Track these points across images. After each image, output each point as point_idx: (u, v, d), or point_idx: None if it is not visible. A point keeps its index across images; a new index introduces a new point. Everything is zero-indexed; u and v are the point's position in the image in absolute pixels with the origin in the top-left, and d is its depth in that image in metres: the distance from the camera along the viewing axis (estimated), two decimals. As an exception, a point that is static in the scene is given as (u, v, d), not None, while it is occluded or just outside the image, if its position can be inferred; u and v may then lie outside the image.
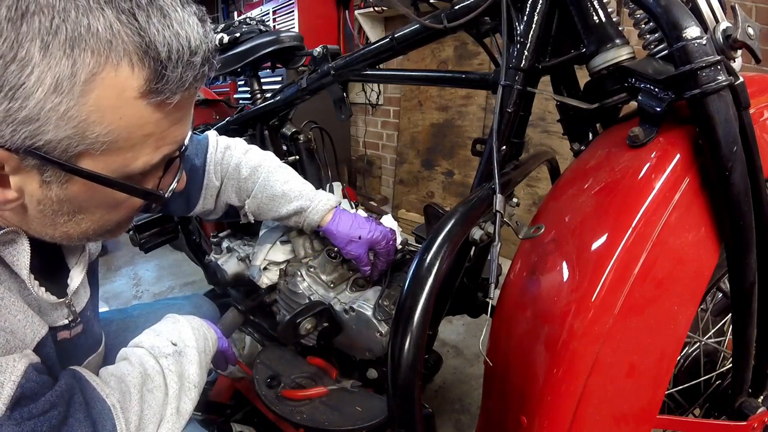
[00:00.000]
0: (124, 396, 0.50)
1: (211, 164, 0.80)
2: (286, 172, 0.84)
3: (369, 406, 0.81)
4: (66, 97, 0.33)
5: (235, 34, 1.22)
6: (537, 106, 0.88)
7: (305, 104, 1.11)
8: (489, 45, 0.79)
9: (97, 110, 0.35)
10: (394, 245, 0.86)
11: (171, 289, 2.03)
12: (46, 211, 0.41)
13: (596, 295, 0.46)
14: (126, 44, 0.34)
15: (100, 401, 0.47)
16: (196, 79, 0.39)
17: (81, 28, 0.32)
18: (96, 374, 0.52)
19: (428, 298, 0.43)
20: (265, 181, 0.80)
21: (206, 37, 0.39)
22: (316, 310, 0.84)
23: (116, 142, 0.37)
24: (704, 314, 0.74)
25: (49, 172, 0.38)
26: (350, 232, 0.82)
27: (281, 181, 0.81)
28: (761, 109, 0.56)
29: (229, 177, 0.81)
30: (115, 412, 0.47)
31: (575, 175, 0.59)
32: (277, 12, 2.90)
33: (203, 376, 0.62)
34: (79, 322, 0.57)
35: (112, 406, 0.48)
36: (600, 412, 0.49)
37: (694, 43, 0.45)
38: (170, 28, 0.36)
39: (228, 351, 0.75)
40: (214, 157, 0.80)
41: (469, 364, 1.47)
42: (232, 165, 0.81)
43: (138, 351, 0.58)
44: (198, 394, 0.59)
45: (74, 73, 0.33)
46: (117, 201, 0.44)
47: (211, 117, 1.61)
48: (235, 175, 0.81)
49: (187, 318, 0.67)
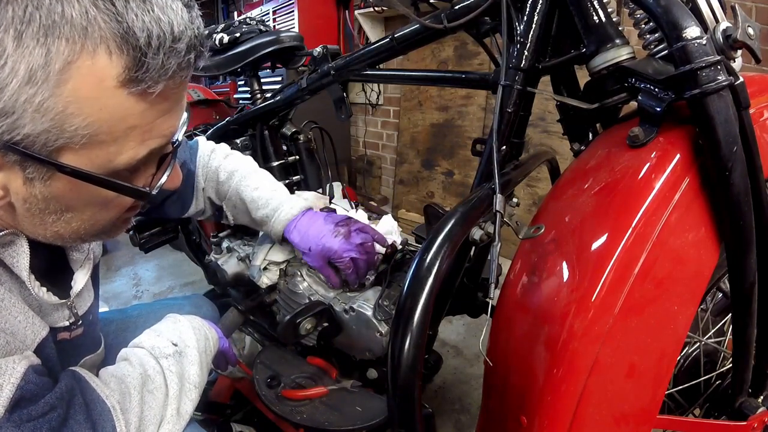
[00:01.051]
0: (124, 397, 0.50)
1: (200, 167, 0.83)
2: (258, 178, 0.84)
3: (369, 406, 0.81)
4: (41, 87, 0.32)
5: (235, 34, 1.22)
6: (537, 106, 0.88)
7: (305, 104, 1.11)
8: (489, 45, 0.79)
9: (75, 101, 0.33)
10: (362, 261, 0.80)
11: (171, 289, 2.03)
12: (33, 210, 0.40)
13: (596, 295, 0.46)
14: (102, 30, 0.32)
15: (100, 402, 0.47)
16: (181, 68, 0.37)
17: (55, 15, 0.31)
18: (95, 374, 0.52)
19: (428, 298, 0.43)
20: (238, 186, 0.82)
21: (192, 23, 0.37)
22: (316, 310, 0.84)
23: (97, 135, 0.35)
24: (704, 314, 0.74)
25: (31, 168, 0.36)
26: (300, 243, 0.80)
27: (251, 187, 0.82)
28: (761, 109, 0.56)
29: (209, 179, 0.84)
30: (114, 413, 0.47)
31: (575, 175, 0.59)
32: (277, 12, 2.90)
33: (204, 377, 0.62)
34: (80, 324, 0.57)
35: (111, 407, 0.48)
36: (600, 412, 0.49)
37: (694, 43, 0.45)
38: (150, 12, 0.34)
39: (228, 351, 0.75)
40: (202, 160, 0.84)
41: (469, 364, 1.47)
42: (213, 168, 0.84)
43: (138, 351, 0.58)
44: (198, 395, 0.59)
45: (48, 62, 0.31)
46: (105, 199, 0.42)
47: (211, 117, 1.61)
48: (214, 177, 0.84)
49: (188, 318, 0.67)
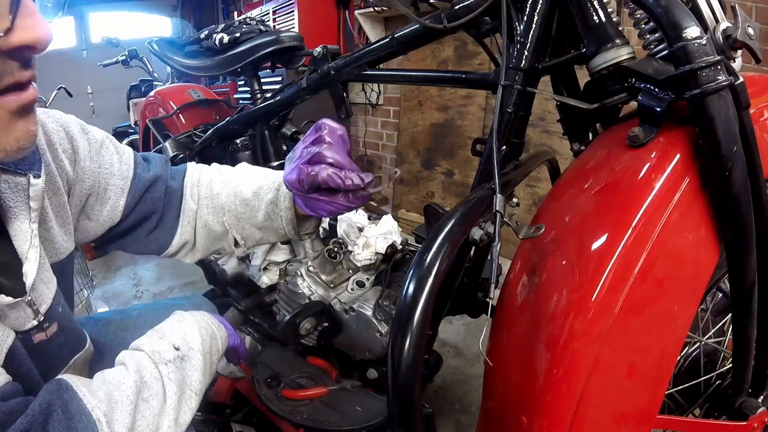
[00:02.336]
0: (114, 407, 0.48)
1: (188, 187, 0.76)
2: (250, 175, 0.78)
3: (369, 406, 0.81)
4: None
5: (235, 34, 1.22)
6: (537, 106, 0.88)
7: (305, 104, 1.11)
8: (489, 45, 0.79)
9: None
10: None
11: (171, 289, 2.03)
12: None
13: (596, 295, 0.46)
14: None
15: (85, 414, 0.45)
16: None
17: None
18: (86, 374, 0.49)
19: (428, 298, 0.43)
20: (234, 189, 0.76)
21: None
22: (316, 310, 0.85)
23: None
24: (704, 314, 0.74)
25: None
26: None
27: (250, 183, 0.76)
28: (761, 109, 0.56)
29: (203, 196, 0.77)
30: (100, 425, 0.45)
31: (575, 175, 0.59)
32: (277, 12, 2.90)
33: (207, 380, 0.60)
34: (52, 320, 0.55)
35: (97, 420, 0.45)
36: (600, 412, 0.49)
37: (694, 43, 0.45)
38: None
39: (240, 347, 0.74)
40: (191, 180, 0.77)
41: (469, 364, 1.47)
42: (205, 183, 0.77)
43: (137, 355, 0.56)
44: (199, 401, 0.57)
45: None
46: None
47: (211, 117, 1.61)
48: (208, 193, 0.77)
49: (196, 316, 0.65)
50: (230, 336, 0.71)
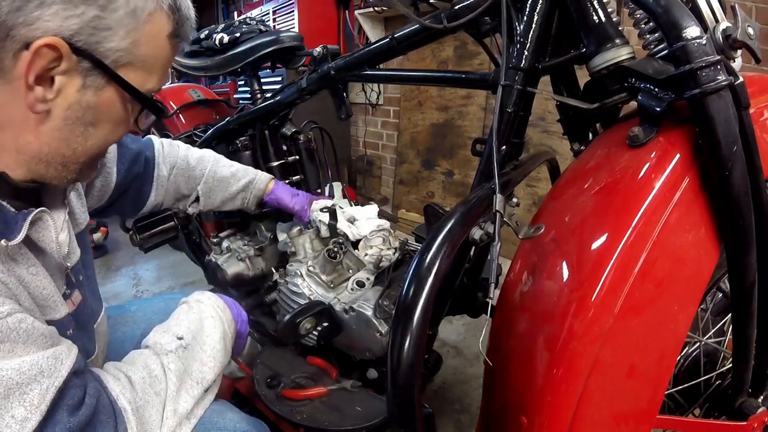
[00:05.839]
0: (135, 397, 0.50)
1: (159, 156, 0.90)
2: (228, 160, 1.02)
3: (369, 406, 0.81)
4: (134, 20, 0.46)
5: (235, 34, 1.22)
6: (537, 106, 0.88)
7: (305, 104, 1.11)
8: (489, 45, 0.79)
9: (147, 37, 0.47)
10: None
11: (171, 289, 2.03)
12: (69, 119, 0.46)
13: (596, 295, 0.46)
14: None
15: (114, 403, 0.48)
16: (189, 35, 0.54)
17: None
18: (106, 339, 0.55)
19: (428, 298, 0.43)
20: (214, 167, 0.97)
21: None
22: (316, 310, 0.85)
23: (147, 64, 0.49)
24: (704, 314, 0.74)
25: (93, 77, 0.45)
26: (291, 189, 1.04)
27: (227, 166, 1.00)
28: (761, 109, 0.56)
29: (178, 167, 0.93)
30: (126, 414, 0.47)
31: (575, 175, 0.59)
32: (277, 12, 2.90)
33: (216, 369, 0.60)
34: (75, 287, 0.57)
35: (123, 408, 0.48)
36: (600, 412, 0.49)
37: (694, 43, 0.45)
38: None
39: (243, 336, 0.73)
40: (162, 151, 0.91)
41: (469, 364, 1.47)
42: (180, 156, 0.94)
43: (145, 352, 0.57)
44: (202, 390, 0.57)
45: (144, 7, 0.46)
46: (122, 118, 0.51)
47: (211, 117, 1.61)
48: (183, 165, 0.94)
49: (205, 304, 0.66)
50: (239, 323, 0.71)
